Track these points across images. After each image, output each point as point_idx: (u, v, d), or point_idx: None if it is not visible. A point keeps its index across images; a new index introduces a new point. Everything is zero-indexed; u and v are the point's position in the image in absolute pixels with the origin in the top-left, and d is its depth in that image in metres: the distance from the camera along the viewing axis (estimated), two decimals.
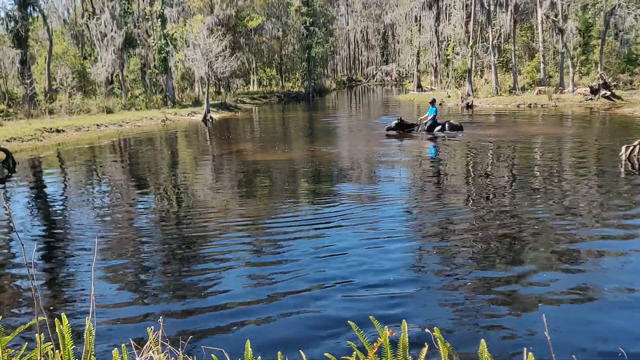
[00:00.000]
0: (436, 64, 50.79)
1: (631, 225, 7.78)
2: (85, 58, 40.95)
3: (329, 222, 8.36)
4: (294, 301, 5.42)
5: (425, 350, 2.40)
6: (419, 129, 19.64)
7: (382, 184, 11.80)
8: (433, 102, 20.30)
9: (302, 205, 9.87)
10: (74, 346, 2.47)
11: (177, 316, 5.22)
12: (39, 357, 2.42)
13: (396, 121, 19.30)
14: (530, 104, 31.42)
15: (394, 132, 19.38)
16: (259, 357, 2.45)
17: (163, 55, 36.09)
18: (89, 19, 38.97)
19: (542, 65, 37.28)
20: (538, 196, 9.73)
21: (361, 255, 6.72)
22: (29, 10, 32.31)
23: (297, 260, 6.65)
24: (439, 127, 19.48)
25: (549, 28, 40.56)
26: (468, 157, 14.96)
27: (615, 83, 31.58)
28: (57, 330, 2.45)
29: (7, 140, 18.94)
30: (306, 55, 55.28)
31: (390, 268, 6.24)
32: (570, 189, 10.37)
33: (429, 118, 19.71)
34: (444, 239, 7.42)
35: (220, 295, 5.67)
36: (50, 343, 2.51)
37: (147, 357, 2.66)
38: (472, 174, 12.49)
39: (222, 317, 5.15)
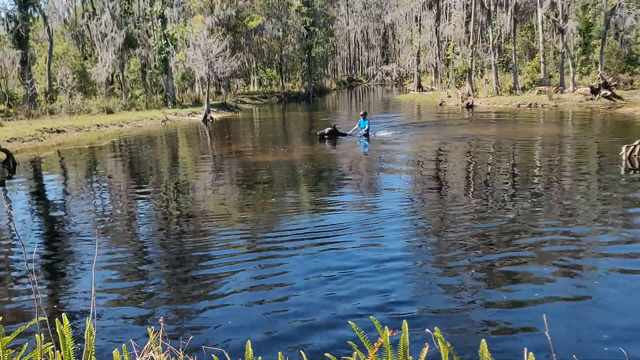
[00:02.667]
0: (436, 64, 50.79)
1: (632, 225, 7.77)
2: (85, 58, 40.93)
3: (330, 229, 8.36)
4: (295, 301, 5.42)
5: (425, 350, 2.40)
6: (351, 138, 19.15)
7: (383, 185, 11.81)
8: (364, 115, 19.59)
9: (302, 211, 9.87)
10: (74, 346, 2.47)
11: (177, 316, 5.22)
12: (39, 358, 2.42)
13: (329, 129, 18.86)
14: (531, 104, 31.40)
15: (326, 138, 18.79)
16: (260, 358, 2.45)
17: (163, 55, 36.08)
18: (89, 19, 38.98)
19: (542, 65, 37.26)
20: (539, 197, 9.72)
21: (360, 253, 6.73)
22: (29, 11, 32.32)
23: (298, 261, 6.65)
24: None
25: (550, 28, 40.55)
26: (469, 158, 14.95)
27: (615, 83, 31.54)
28: (57, 330, 2.45)
29: (8, 141, 18.94)
30: (306, 55, 55.29)
31: (390, 267, 6.24)
32: (570, 189, 10.36)
33: (362, 131, 19.21)
34: (444, 239, 7.42)
35: (221, 295, 5.67)
36: (51, 343, 2.50)
37: (147, 357, 2.65)
38: (472, 175, 12.48)
39: (223, 317, 5.15)
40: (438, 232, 7.82)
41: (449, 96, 38.41)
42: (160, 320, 3.00)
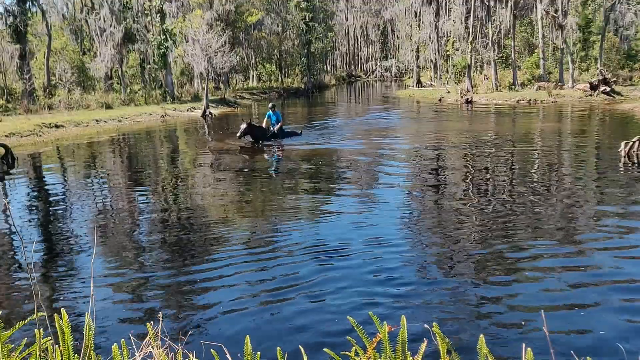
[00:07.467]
0: (436, 59, 50.66)
1: (630, 222, 7.79)
2: (84, 53, 40.79)
3: (330, 229, 8.36)
4: (293, 297, 5.43)
5: (424, 345, 2.40)
6: (270, 135, 18.16)
7: (383, 185, 11.83)
8: (273, 107, 18.65)
9: (301, 210, 9.87)
10: (73, 341, 2.47)
11: (177, 312, 5.23)
12: (38, 352, 2.43)
13: (245, 125, 17.52)
14: (530, 100, 31.39)
15: (248, 139, 17.78)
16: (259, 353, 2.45)
17: (162, 50, 35.96)
18: (88, 14, 38.79)
19: (541, 61, 37.23)
20: (537, 193, 9.73)
21: (361, 250, 6.74)
22: (27, 5, 32.16)
23: (297, 259, 6.66)
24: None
25: (549, 24, 40.46)
26: (468, 155, 14.94)
27: (614, 79, 31.58)
28: (56, 325, 2.46)
29: (6, 136, 18.90)
30: (305, 50, 55.19)
31: (389, 267, 6.25)
32: (569, 185, 10.37)
33: (277, 126, 18.36)
34: (444, 236, 7.43)
35: (220, 290, 5.68)
36: (50, 338, 2.51)
37: (146, 352, 2.66)
38: (471, 171, 12.48)
39: (222, 313, 5.16)
40: (437, 229, 7.83)
41: (448, 92, 38.36)
42: (160, 315, 3.01)
